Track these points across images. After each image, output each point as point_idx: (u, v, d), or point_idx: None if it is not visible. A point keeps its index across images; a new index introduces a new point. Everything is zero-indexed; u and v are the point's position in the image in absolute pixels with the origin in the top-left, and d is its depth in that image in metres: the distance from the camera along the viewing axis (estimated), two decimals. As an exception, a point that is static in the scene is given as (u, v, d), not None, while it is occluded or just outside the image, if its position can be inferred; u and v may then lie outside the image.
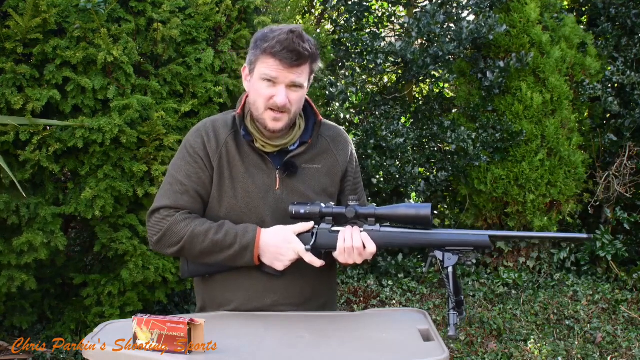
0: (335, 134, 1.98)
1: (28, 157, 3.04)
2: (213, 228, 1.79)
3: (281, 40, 1.73)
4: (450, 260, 1.69)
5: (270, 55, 1.74)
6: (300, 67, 1.76)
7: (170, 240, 1.80)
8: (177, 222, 1.80)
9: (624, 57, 5.60)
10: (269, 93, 1.77)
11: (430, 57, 4.93)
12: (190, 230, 1.78)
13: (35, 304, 3.60)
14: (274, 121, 1.79)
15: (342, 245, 1.75)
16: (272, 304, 1.86)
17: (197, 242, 1.78)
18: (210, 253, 1.79)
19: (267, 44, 1.74)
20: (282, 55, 1.72)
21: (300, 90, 1.80)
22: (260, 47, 1.76)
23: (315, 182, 1.89)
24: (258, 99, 1.80)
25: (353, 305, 4.67)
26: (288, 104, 1.77)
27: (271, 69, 1.75)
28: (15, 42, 2.98)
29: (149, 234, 1.85)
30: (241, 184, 1.84)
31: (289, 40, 1.73)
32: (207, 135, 1.86)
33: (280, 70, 1.74)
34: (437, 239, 1.72)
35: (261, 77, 1.77)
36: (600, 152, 5.65)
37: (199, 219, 1.82)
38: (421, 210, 1.71)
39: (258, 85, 1.79)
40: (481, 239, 1.70)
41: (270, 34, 1.76)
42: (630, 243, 5.57)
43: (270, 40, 1.74)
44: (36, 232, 3.11)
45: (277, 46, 1.73)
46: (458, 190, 5.38)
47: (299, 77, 1.77)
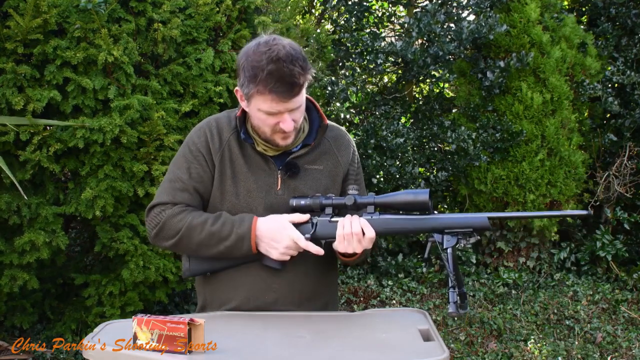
0: (338, 135, 1.97)
1: (28, 157, 3.05)
2: (210, 219, 1.79)
3: (271, 71, 1.66)
4: (449, 242, 1.68)
5: (265, 92, 1.69)
6: (298, 94, 1.72)
7: (168, 232, 1.80)
8: (174, 214, 1.79)
9: (624, 57, 5.60)
10: (273, 122, 1.75)
11: (431, 57, 4.93)
12: (187, 222, 1.78)
13: (36, 304, 3.61)
14: (284, 139, 1.79)
15: (341, 232, 1.75)
16: (273, 303, 1.85)
17: (194, 234, 1.78)
18: (207, 245, 1.79)
19: (259, 78, 1.67)
20: (277, 90, 1.67)
21: (302, 107, 1.78)
22: (254, 83, 1.69)
23: (317, 183, 1.89)
24: (262, 126, 1.77)
25: (353, 305, 4.67)
26: (294, 125, 1.76)
27: (270, 106, 1.71)
28: (16, 42, 2.98)
29: (148, 228, 1.85)
30: (243, 183, 1.84)
31: (280, 72, 1.66)
32: (211, 133, 1.86)
33: (279, 102, 1.70)
34: (436, 223, 1.71)
35: (260, 111, 1.74)
36: (600, 152, 5.65)
37: (195, 211, 1.81)
38: (419, 196, 1.71)
39: (260, 116, 1.75)
40: (480, 220, 1.69)
41: (258, 64, 1.68)
42: (630, 243, 5.57)
43: (260, 74, 1.67)
44: (37, 231, 3.12)
45: (269, 82, 1.67)
46: (458, 190, 5.38)
47: (297, 101, 1.73)
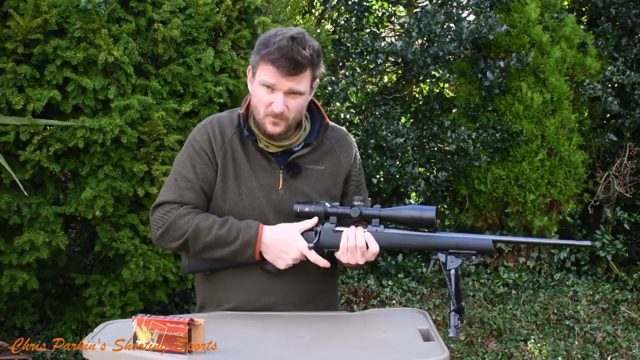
0: (340, 136, 1.98)
1: (28, 157, 3.05)
2: (217, 222, 1.79)
3: (281, 47, 1.71)
4: (452, 263, 1.69)
5: (269, 62, 1.73)
6: (299, 75, 1.75)
7: (174, 234, 1.80)
8: (181, 216, 1.79)
9: (624, 57, 5.60)
10: (268, 100, 1.77)
11: (431, 57, 4.93)
12: (194, 224, 1.78)
13: (36, 304, 3.61)
14: (273, 125, 1.79)
15: (345, 244, 1.75)
16: (272, 304, 1.85)
17: (200, 236, 1.77)
18: (213, 248, 1.79)
19: (267, 49, 1.73)
20: (279, 63, 1.71)
21: (300, 97, 1.79)
22: (261, 53, 1.75)
23: (319, 183, 1.89)
24: (258, 105, 1.80)
25: (353, 305, 4.67)
26: (286, 111, 1.77)
27: (269, 76, 1.74)
28: (16, 42, 2.98)
29: (152, 228, 1.85)
30: (245, 181, 1.84)
31: (288, 48, 1.71)
32: (213, 132, 1.86)
33: (278, 77, 1.74)
34: (441, 242, 1.72)
35: (260, 82, 1.77)
36: (600, 152, 5.65)
37: (202, 214, 1.81)
38: (426, 213, 1.71)
39: (258, 91, 1.79)
40: (485, 243, 1.70)
41: (272, 38, 1.75)
42: (630, 243, 5.57)
43: (270, 45, 1.73)
44: (37, 231, 3.12)
45: (275, 53, 1.71)
46: (458, 190, 5.38)
47: (297, 84, 1.76)
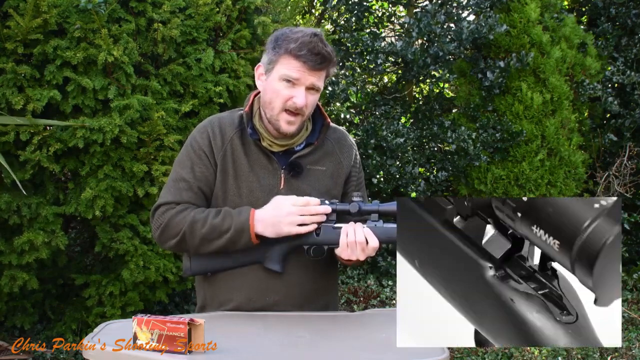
0: (341, 137, 1.98)
1: (28, 157, 3.05)
2: (211, 213, 1.79)
3: (305, 42, 1.74)
4: None
5: (293, 56, 1.74)
6: (322, 70, 1.77)
7: (172, 231, 1.80)
8: (177, 213, 1.80)
9: (624, 57, 5.61)
10: (288, 94, 1.77)
11: (431, 57, 4.93)
12: (190, 218, 1.78)
13: (36, 304, 3.61)
14: (288, 124, 1.80)
15: (344, 240, 1.76)
16: (273, 304, 1.85)
17: (196, 229, 1.78)
18: (210, 239, 1.78)
19: (292, 45, 1.74)
20: (306, 57, 1.73)
21: (317, 94, 1.81)
22: (283, 47, 1.76)
23: (319, 184, 1.90)
24: (275, 99, 1.79)
25: (353, 305, 4.67)
26: (305, 107, 1.78)
27: (293, 70, 1.75)
28: (16, 42, 2.98)
29: (152, 229, 1.86)
30: (245, 182, 1.84)
31: (313, 43, 1.74)
32: (213, 132, 1.86)
33: (303, 71, 1.75)
34: None
35: (281, 77, 1.77)
36: (600, 152, 5.66)
37: (198, 208, 1.82)
38: None
39: (277, 86, 1.78)
40: None
41: (291, 34, 1.76)
42: (630, 243, 5.57)
43: (293, 41, 1.75)
44: (37, 231, 3.12)
45: (302, 48, 1.73)
46: (458, 190, 5.38)
47: (318, 80, 1.78)
